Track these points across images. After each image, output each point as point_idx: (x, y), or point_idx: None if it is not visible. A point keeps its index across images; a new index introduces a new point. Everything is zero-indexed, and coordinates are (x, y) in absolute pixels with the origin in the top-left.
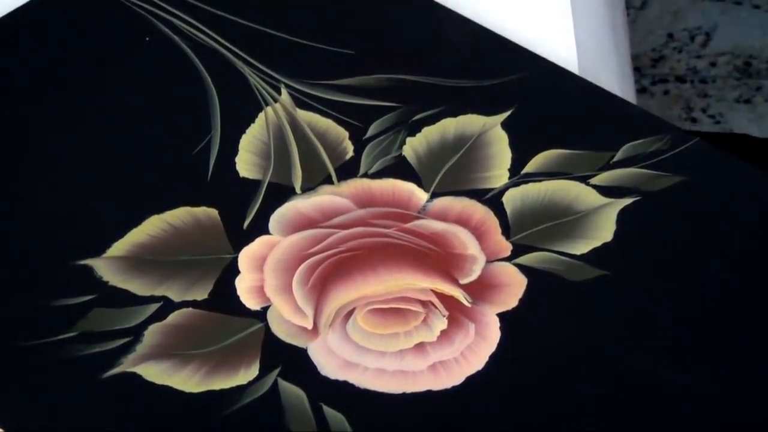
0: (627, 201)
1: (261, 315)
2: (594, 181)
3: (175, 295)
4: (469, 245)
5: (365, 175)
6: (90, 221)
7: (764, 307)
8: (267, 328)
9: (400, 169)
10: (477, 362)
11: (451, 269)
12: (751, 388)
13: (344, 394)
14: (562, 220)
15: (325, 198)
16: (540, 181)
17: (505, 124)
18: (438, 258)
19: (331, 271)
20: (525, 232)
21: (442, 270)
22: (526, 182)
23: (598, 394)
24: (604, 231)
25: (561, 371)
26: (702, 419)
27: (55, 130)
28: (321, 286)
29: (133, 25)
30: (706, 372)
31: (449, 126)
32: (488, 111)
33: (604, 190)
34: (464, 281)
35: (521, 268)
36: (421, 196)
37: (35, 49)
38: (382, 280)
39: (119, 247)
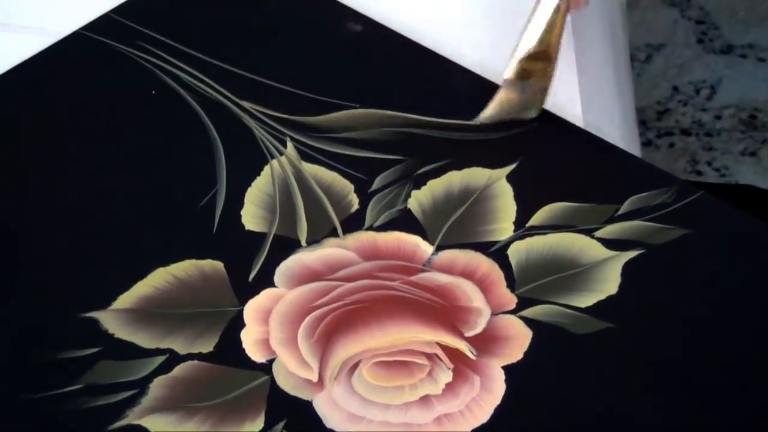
0: (632, 254)
1: (266, 367)
2: (599, 233)
3: (180, 348)
4: (474, 298)
5: (370, 228)
6: (96, 274)
7: None
8: (272, 380)
9: (406, 221)
10: (482, 415)
11: (456, 322)
12: None
13: None
14: (567, 273)
15: (330, 251)
16: (545, 233)
17: (510, 177)
18: (443, 311)
19: (336, 324)
20: (530, 284)
21: (447, 323)
22: (531, 235)
23: None
24: (609, 284)
25: (566, 425)
26: None
27: (61, 182)
28: (326, 339)
29: (140, 78)
30: (711, 425)
31: (454, 179)
32: (493, 164)
33: (609, 243)
34: (469, 334)
35: (526, 320)
36: (426, 248)
37: (41, 102)
38: (387, 333)
39: (125, 300)
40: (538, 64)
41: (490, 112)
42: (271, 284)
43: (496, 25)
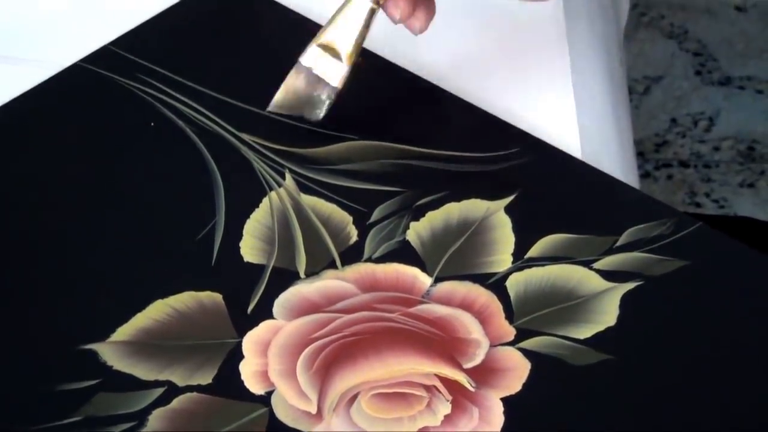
0: (630, 285)
1: (265, 399)
2: (597, 265)
3: (179, 380)
4: (473, 330)
5: (369, 260)
6: (94, 306)
7: None
8: (271, 412)
9: (404, 253)
10: None
11: (455, 354)
12: None
13: None
14: (565, 305)
15: (329, 283)
16: (543, 265)
17: (508, 209)
18: (442, 342)
19: (335, 356)
20: (528, 316)
21: (445, 354)
22: (530, 266)
23: None
24: (607, 315)
25: None
26: None
27: (59, 213)
28: (325, 371)
29: (139, 110)
30: None
31: (453, 211)
32: (491, 196)
33: (608, 275)
34: (468, 365)
35: (525, 352)
36: (424, 280)
37: (40, 134)
38: (386, 365)
39: (124, 332)
40: (330, 57)
41: (278, 97)
42: (270, 316)
43: (495, 58)
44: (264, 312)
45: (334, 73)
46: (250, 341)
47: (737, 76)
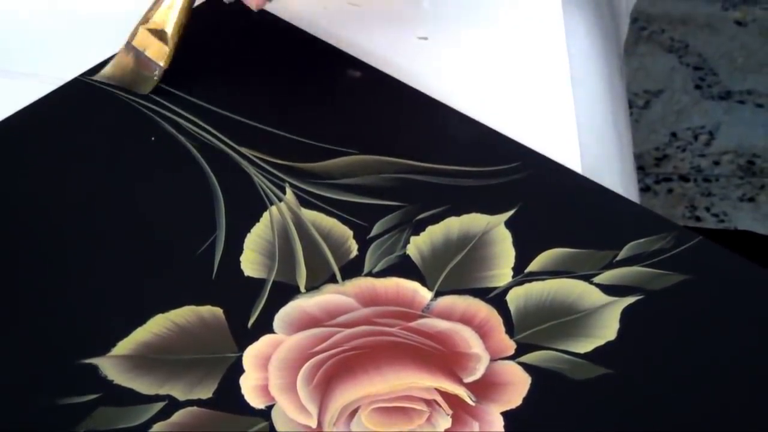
0: (630, 300)
1: (266, 414)
2: (597, 279)
3: (179, 394)
4: (473, 344)
5: (369, 274)
6: (95, 320)
7: None
8: (271, 426)
9: (404, 268)
10: None
11: (455, 368)
12: None
13: None
14: (565, 319)
15: (329, 297)
16: (543, 279)
17: (508, 223)
18: (442, 357)
19: (335, 370)
20: (529, 330)
21: (446, 369)
22: (530, 281)
23: None
24: (607, 330)
25: None
26: None
27: (60, 228)
28: (325, 385)
29: (140, 124)
30: None
31: (453, 225)
32: (492, 210)
33: (608, 289)
34: (468, 380)
35: (525, 366)
36: (425, 294)
37: (41, 148)
38: (386, 379)
39: (124, 346)
40: (155, 39)
41: (107, 70)
42: (271, 330)
43: (495, 72)
44: (264, 326)
45: (160, 53)
46: (250, 355)
47: (737, 90)
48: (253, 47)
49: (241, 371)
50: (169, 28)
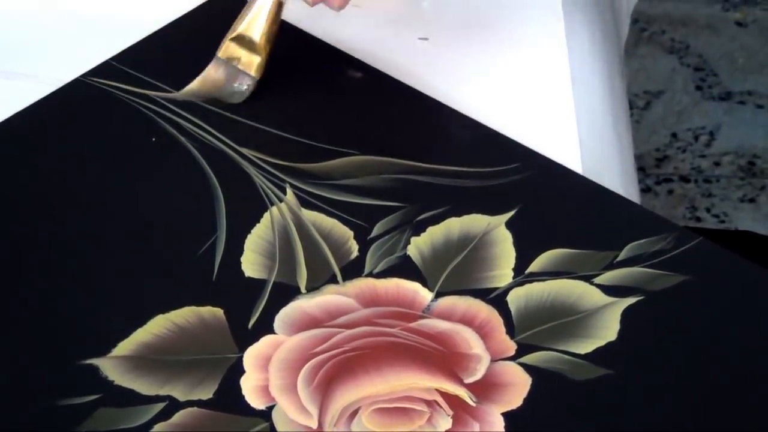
0: (631, 300)
1: (266, 414)
2: (598, 280)
3: (180, 395)
4: (474, 344)
5: (370, 275)
6: (95, 320)
7: None
8: (272, 427)
9: (405, 268)
10: None
11: (456, 368)
12: None
13: None
14: (566, 320)
15: (329, 298)
16: (544, 280)
17: (509, 224)
18: (442, 357)
19: (336, 371)
20: (529, 331)
21: (446, 369)
22: (531, 281)
23: None
24: (608, 330)
25: None
26: None
27: (60, 230)
28: (326, 386)
29: (140, 125)
30: None
31: (454, 226)
32: (492, 211)
33: (608, 290)
34: (469, 380)
35: (526, 367)
36: (425, 295)
37: (41, 149)
38: (386, 380)
39: (125, 347)
40: (244, 50)
41: (194, 85)
42: (271, 331)
43: (495, 73)
44: (265, 327)
45: (251, 63)
46: (250, 356)
47: (738, 91)
48: None
49: (242, 372)
50: (257, 37)
